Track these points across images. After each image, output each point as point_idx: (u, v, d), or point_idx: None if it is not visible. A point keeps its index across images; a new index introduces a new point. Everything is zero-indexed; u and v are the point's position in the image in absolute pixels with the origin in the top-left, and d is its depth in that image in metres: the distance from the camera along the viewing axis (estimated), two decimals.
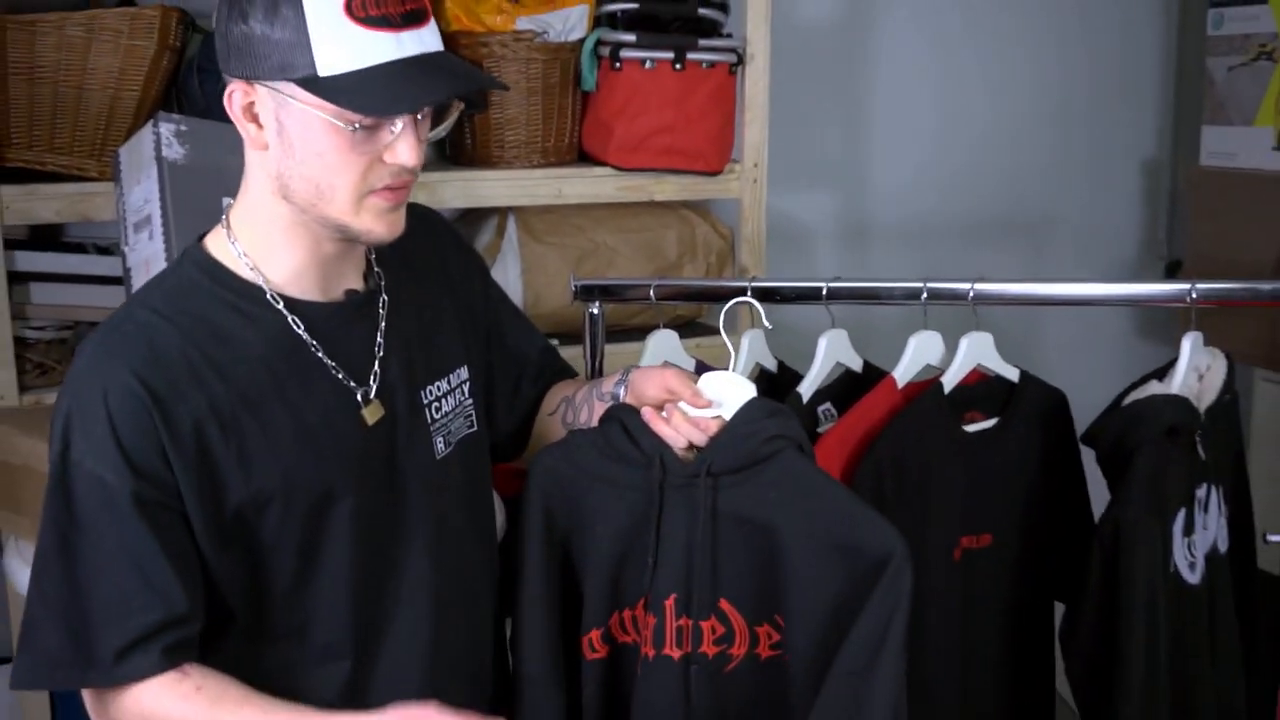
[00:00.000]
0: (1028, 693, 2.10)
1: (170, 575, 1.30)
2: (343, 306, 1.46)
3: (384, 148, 1.32)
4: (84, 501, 1.31)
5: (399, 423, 1.48)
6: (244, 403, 1.36)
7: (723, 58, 2.61)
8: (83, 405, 1.31)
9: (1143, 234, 3.61)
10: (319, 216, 1.36)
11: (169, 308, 1.38)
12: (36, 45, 2.22)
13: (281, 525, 1.38)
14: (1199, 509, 1.97)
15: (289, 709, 1.34)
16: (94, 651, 1.30)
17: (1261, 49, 2.97)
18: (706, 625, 1.52)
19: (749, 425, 1.52)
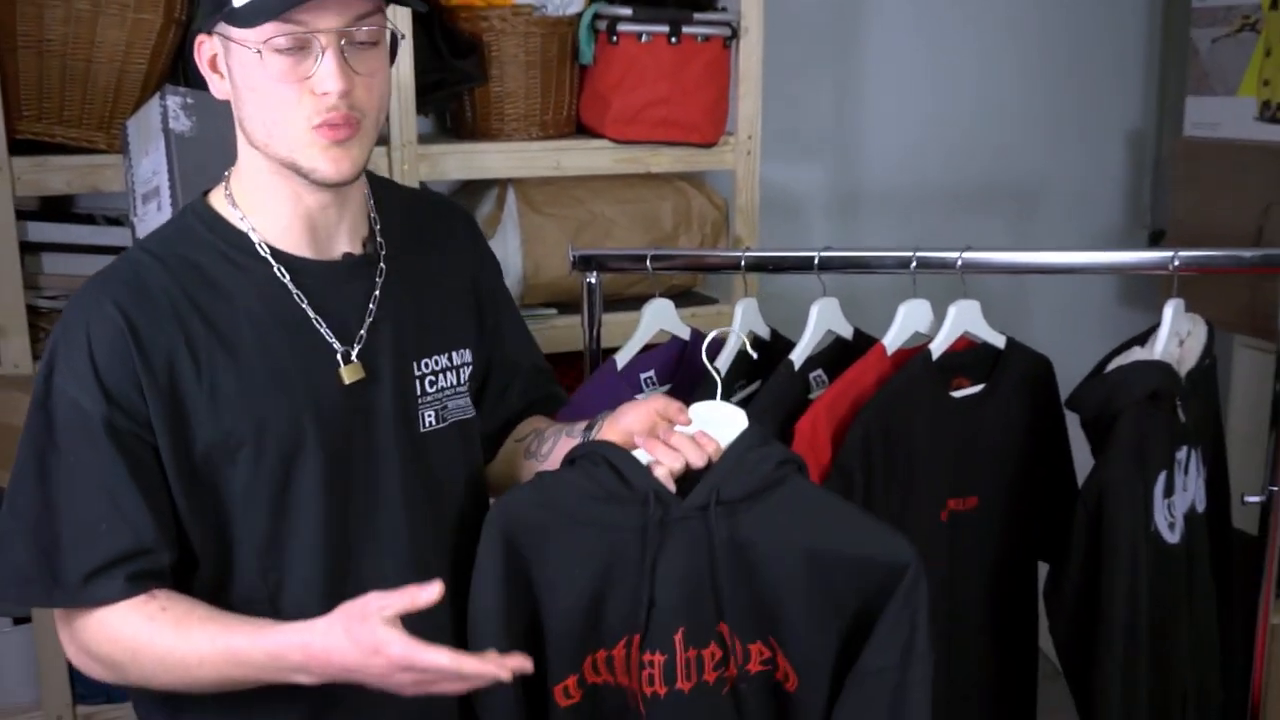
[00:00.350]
0: (1011, 649, 2.12)
1: (140, 504, 1.31)
2: (334, 266, 1.45)
3: (311, 80, 1.31)
4: (61, 424, 1.32)
5: (382, 388, 1.46)
6: (222, 344, 1.36)
7: (717, 31, 2.61)
8: (68, 333, 1.34)
9: (1127, 203, 3.62)
10: (275, 156, 1.36)
11: (162, 249, 1.40)
12: (45, 19, 2.22)
13: (253, 476, 1.37)
14: (1179, 471, 1.99)
15: (247, 623, 1.32)
16: (61, 573, 1.31)
17: (1245, 20, 2.97)
18: (707, 653, 1.49)
19: (756, 451, 1.48)
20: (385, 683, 1.25)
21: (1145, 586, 1.91)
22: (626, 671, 1.49)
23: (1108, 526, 1.87)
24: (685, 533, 1.46)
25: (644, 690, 1.47)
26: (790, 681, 1.51)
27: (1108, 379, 1.95)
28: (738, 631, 1.49)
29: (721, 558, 1.46)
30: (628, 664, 1.48)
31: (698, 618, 1.48)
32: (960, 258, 2.01)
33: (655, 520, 1.45)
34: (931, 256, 2.02)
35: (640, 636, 1.47)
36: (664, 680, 1.47)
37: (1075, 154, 3.52)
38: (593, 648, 1.49)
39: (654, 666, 1.47)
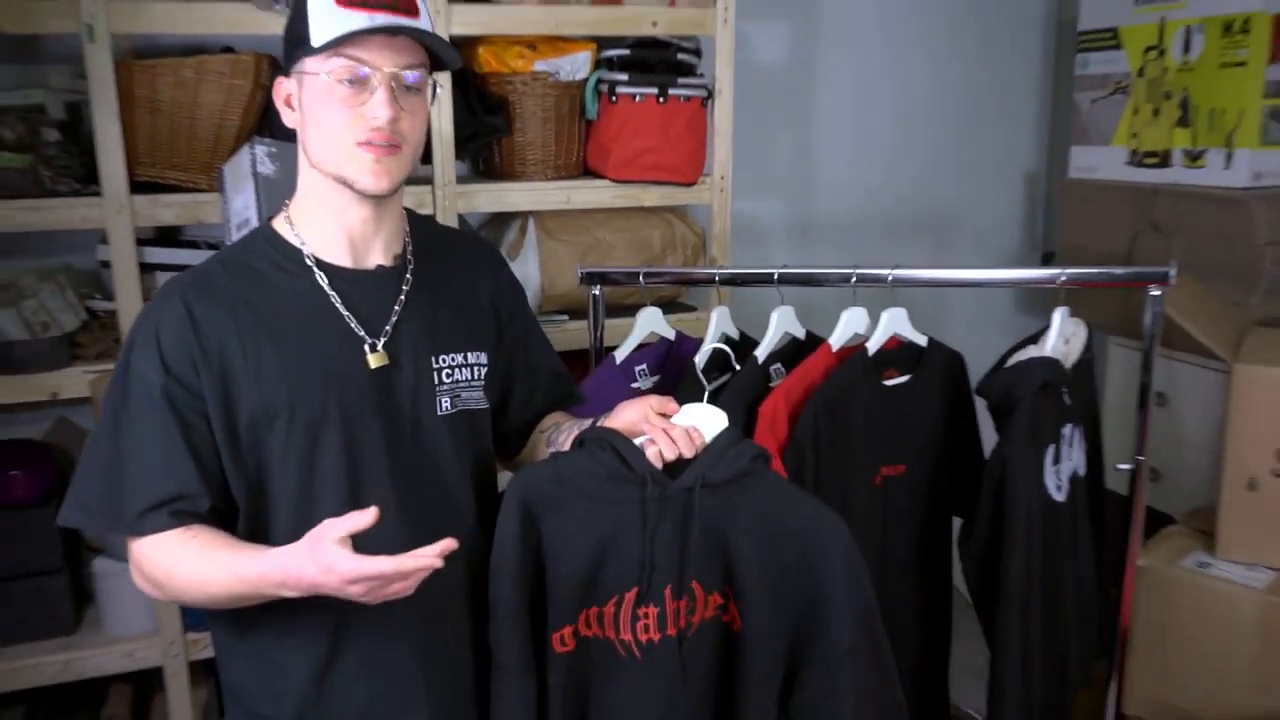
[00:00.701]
0: (931, 586, 2.13)
1: (186, 458, 1.33)
2: (368, 274, 1.44)
3: (362, 103, 1.33)
4: (133, 392, 1.34)
5: (403, 374, 1.44)
6: (267, 332, 1.37)
7: (697, 93, 2.61)
8: (144, 322, 1.36)
9: (1024, 231, 3.62)
10: (327, 171, 1.37)
11: (229, 258, 1.43)
12: (158, 84, 2.22)
13: (287, 441, 1.37)
14: (1064, 444, 1.99)
15: (250, 549, 1.30)
16: (122, 509, 1.33)
17: (1118, 85, 2.97)
18: (683, 603, 1.49)
19: (735, 447, 1.49)
20: (342, 594, 1.22)
21: (1038, 536, 1.91)
22: (615, 625, 1.47)
23: (1008, 489, 1.88)
24: (675, 508, 1.47)
25: (639, 638, 1.47)
26: (736, 623, 1.53)
27: (1009, 371, 1.95)
28: (701, 584, 1.50)
29: (700, 529, 1.47)
30: (617, 619, 1.47)
31: (679, 576, 1.48)
32: (891, 274, 2.01)
33: (654, 497, 1.45)
34: (868, 273, 2.02)
35: (638, 593, 1.46)
36: (657, 628, 1.48)
37: (983, 191, 3.52)
38: (587, 604, 1.47)
39: (649, 618, 1.47)
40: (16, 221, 2.19)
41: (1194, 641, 2.19)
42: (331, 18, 1.30)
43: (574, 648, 1.47)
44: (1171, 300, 2.15)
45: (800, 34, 3.22)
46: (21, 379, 2.23)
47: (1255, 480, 2.17)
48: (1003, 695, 1.93)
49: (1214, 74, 2.69)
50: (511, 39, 2.50)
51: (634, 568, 1.46)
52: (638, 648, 1.47)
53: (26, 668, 2.31)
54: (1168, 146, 2.84)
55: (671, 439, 1.45)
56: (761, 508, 1.50)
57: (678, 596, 1.48)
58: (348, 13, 1.30)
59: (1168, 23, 2.80)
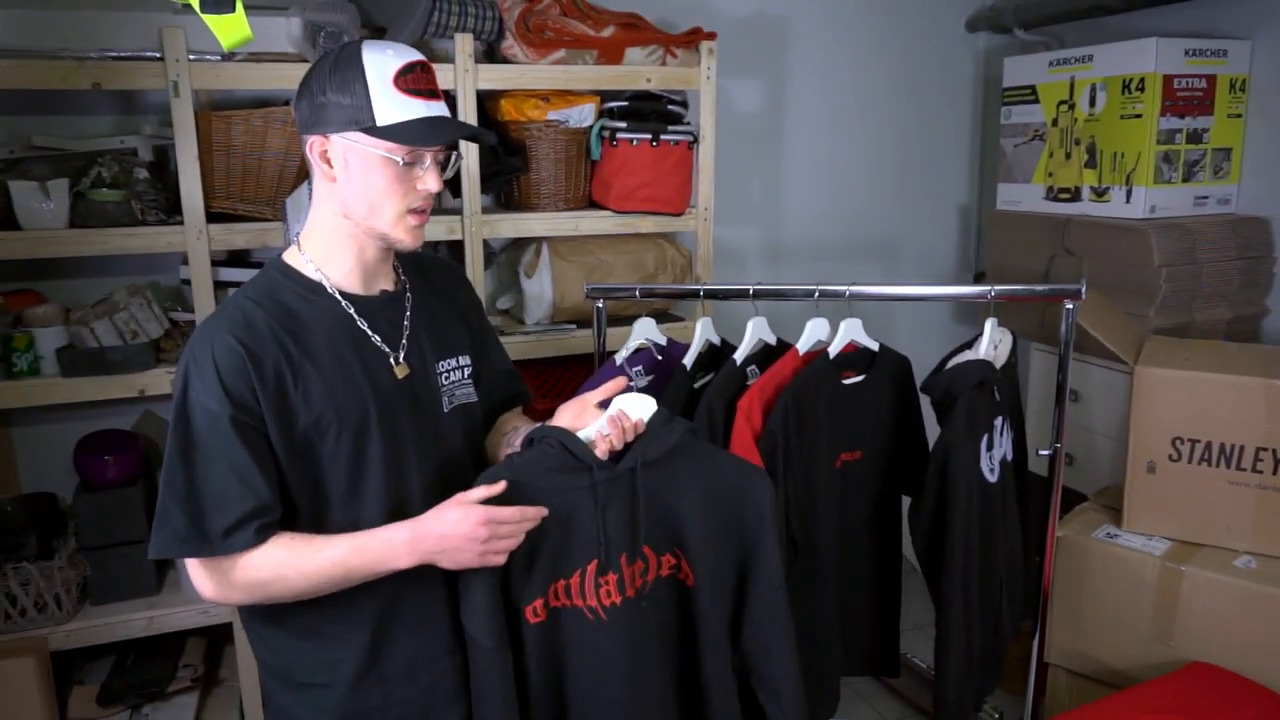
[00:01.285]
0: (884, 554, 2.13)
1: (257, 476, 1.29)
2: (378, 299, 1.44)
3: (416, 179, 1.34)
4: (197, 424, 1.29)
5: (418, 381, 1.44)
6: (309, 357, 1.35)
7: (684, 138, 2.60)
8: (197, 359, 1.30)
9: (959, 254, 3.63)
10: (369, 229, 1.37)
11: (258, 295, 1.38)
12: (231, 131, 2.22)
13: (336, 446, 1.35)
14: (996, 433, 1.99)
15: (347, 536, 1.32)
16: (207, 531, 1.28)
17: (1036, 132, 2.98)
18: (638, 566, 1.48)
19: (666, 427, 1.47)
20: (468, 542, 1.28)
21: (975, 512, 1.92)
22: (581, 594, 1.46)
23: (950, 472, 1.88)
24: (620, 487, 1.46)
25: (604, 602, 1.46)
26: (689, 579, 1.52)
27: (950, 372, 1.95)
28: (654, 548, 1.49)
29: (644, 501, 1.46)
30: (582, 588, 1.45)
31: (631, 544, 1.48)
32: (848, 290, 2.01)
33: (602, 481, 1.44)
34: (828, 289, 2.03)
35: (597, 563, 1.45)
36: (618, 591, 1.47)
37: (924, 220, 3.53)
38: (554, 578, 1.45)
39: (610, 584, 1.46)
40: (113, 246, 2.19)
41: (1103, 601, 2.19)
42: (396, 103, 1.29)
43: (545, 617, 1.45)
44: (1082, 313, 2.15)
45: (771, 90, 3.22)
46: (115, 378, 2.22)
47: (1154, 464, 2.17)
48: (948, 645, 1.94)
49: (1115, 124, 2.70)
50: (528, 93, 2.50)
51: (591, 542, 1.44)
52: (603, 610, 1.46)
53: (117, 623, 2.30)
54: (1078, 184, 2.85)
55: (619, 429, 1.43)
56: (698, 473, 1.50)
57: (632, 562, 1.47)
58: (409, 100, 1.30)
59: (1077, 81, 2.81)
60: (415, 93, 1.30)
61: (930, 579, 1.98)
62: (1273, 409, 2.04)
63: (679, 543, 1.50)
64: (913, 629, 2.83)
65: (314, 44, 2.20)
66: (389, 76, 1.29)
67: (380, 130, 1.29)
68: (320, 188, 1.38)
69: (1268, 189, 2.72)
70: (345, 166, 1.33)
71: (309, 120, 1.34)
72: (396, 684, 1.41)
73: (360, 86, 1.29)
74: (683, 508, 1.49)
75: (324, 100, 1.31)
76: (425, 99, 1.32)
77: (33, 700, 2.16)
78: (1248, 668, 1.97)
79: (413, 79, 1.30)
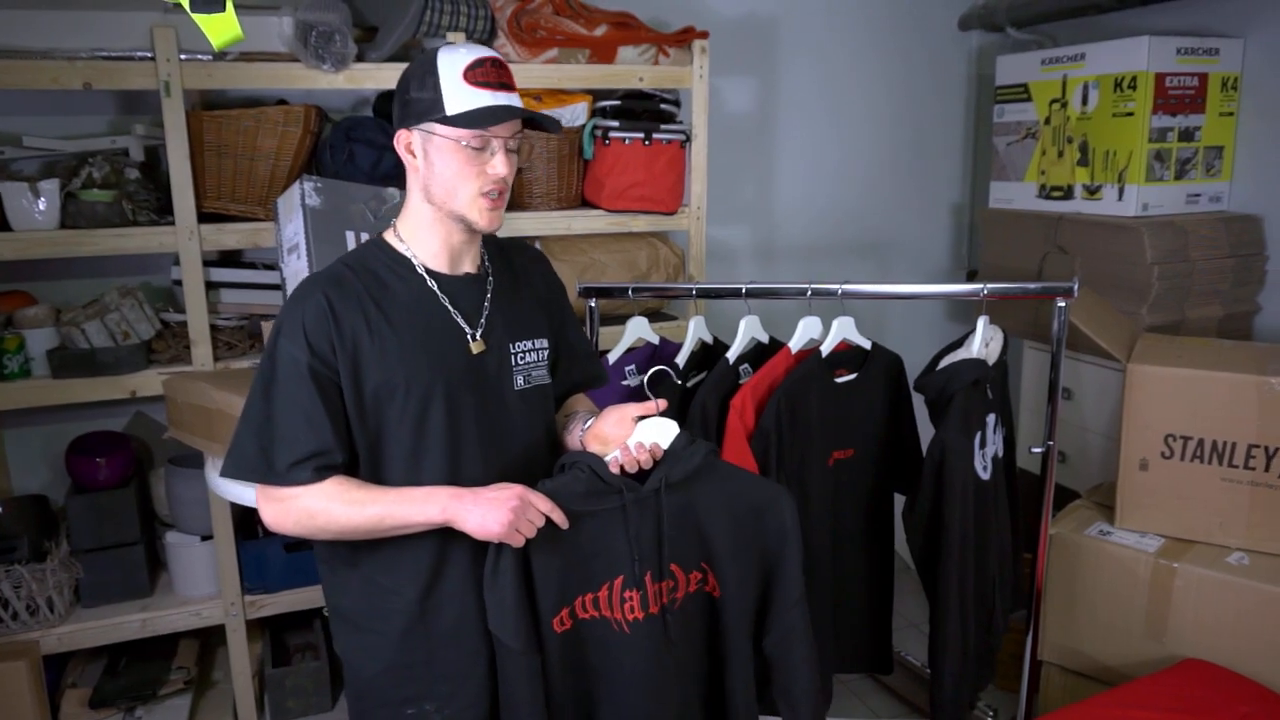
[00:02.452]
0: (877, 551, 2.13)
1: (325, 421, 1.39)
2: (461, 279, 1.52)
3: (486, 163, 1.43)
4: (281, 367, 1.40)
5: (494, 358, 1.51)
6: (389, 322, 1.43)
7: (676, 137, 2.61)
8: (291, 310, 1.42)
9: (952, 252, 3.63)
10: (449, 211, 1.45)
11: (354, 262, 1.48)
12: (223, 131, 2.22)
13: (402, 408, 1.43)
14: (989, 431, 2.00)
15: (397, 489, 1.41)
16: (273, 462, 1.39)
17: (1028, 131, 2.98)
18: (665, 584, 1.52)
19: (688, 449, 1.52)
20: (500, 507, 1.36)
21: (970, 509, 1.92)
22: (609, 606, 1.50)
23: (947, 470, 1.88)
24: (647, 508, 1.50)
25: (627, 617, 1.50)
26: (716, 591, 1.57)
27: (945, 371, 1.95)
28: (682, 565, 1.54)
29: (670, 521, 1.51)
30: (609, 601, 1.50)
31: (657, 562, 1.52)
32: (840, 288, 2.02)
33: (631, 502, 1.48)
34: (821, 287, 2.03)
35: (623, 579, 1.49)
36: (640, 608, 1.50)
37: (917, 219, 3.53)
38: (582, 591, 1.49)
39: (634, 600, 1.50)
40: (104, 246, 2.19)
41: (1097, 598, 2.20)
42: (465, 94, 1.39)
43: (571, 626, 1.49)
44: (1075, 310, 2.16)
45: (764, 88, 3.22)
46: (106, 379, 2.22)
47: (1146, 461, 2.17)
48: (944, 643, 1.94)
49: (1107, 122, 2.70)
50: (521, 92, 2.47)
51: (619, 560, 1.49)
52: (626, 625, 1.50)
53: (109, 626, 2.30)
54: (1070, 182, 2.85)
55: (634, 459, 1.50)
56: (722, 492, 1.55)
57: (658, 580, 1.51)
58: (477, 91, 1.39)
59: (1069, 79, 2.81)
60: (484, 84, 1.40)
61: (925, 577, 1.99)
62: (1265, 406, 2.04)
63: (707, 557, 1.55)
64: (905, 626, 2.84)
65: (305, 43, 2.20)
66: (460, 71, 1.39)
67: (450, 119, 1.39)
68: (410, 177, 1.48)
69: (1260, 187, 2.73)
70: (424, 156, 1.44)
71: (396, 117, 1.46)
72: (441, 643, 1.49)
73: (433, 81, 1.40)
74: (708, 524, 1.54)
75: (407, 98, 1.43)
76: (494, 90, 1.41)
77: (24, 703, 2.15)
78: (1241, 664, 1.98)
79: (481, 72, 1.40)
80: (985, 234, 3.17)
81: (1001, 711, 2.56)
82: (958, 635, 1.94)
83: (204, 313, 2.26)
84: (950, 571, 1.91)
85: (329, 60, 2.21)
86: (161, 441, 2.55)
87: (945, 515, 1.90)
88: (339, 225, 2.06)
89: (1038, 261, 2.87)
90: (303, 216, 2.03)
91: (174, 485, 2.42)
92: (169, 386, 2.11)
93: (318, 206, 2.04)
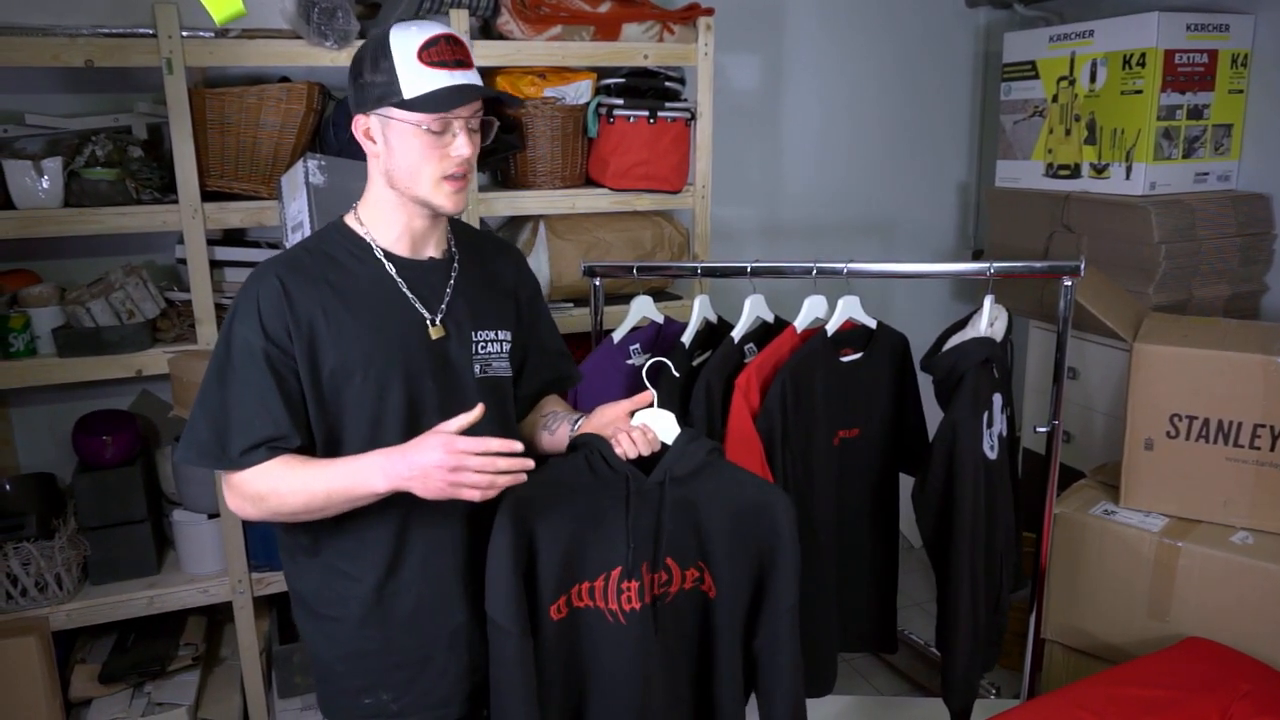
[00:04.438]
0: (881, 531, 2.14)
1: (280, 406, 1.36)
2: (423, 264, 1.49)
3: (448, 145, 1.39)
4: (235, 353, 1.37)
5: (453, 344, 1.48)
6: (345, 305, 1.41)
7: (681, 115, 2.59)
8: (246, 294, 1.39)
9: (958, 231, 3.62)
10: (412, 196, 1.42)
11: (312, 246, 1.46)
12: (226, 109, 2.21)
13: (359, 392, 1.40)
14: (995, 410, 1.99)
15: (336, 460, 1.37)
16: (228, 447, 1.36)
17: (1035, 109, 2.97)
18: (660, 576, 1.51)
19: (693, 444, 1.51)
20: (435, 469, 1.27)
21: (981, 489, 1.92)
22: (604, 596, 1.49)
23: (958, 451, 1.89)
24: (649, 498, 1.50)
25: (624, 607, 1.49)
26: (712, 591, 1.56)
27: (954, 351, 1.95)
28: (678, 561, 1.53)
29: (669, 514, 1.50)
30: (605, 591, 1.49)
31: (654, 554, 1.51)
32: (846, 267, 2.01)
33: (634, 491, 1.48)
34: (826, 266, 2.02)
35: (621, 569, 1.48)
36: (638, 598, 1.49)
37: (923, 198, 3.52)
38: (579, 580, 1.49)
39: (631, 590, 1.49)
40: (107, 225, 2.18)
41: (1101, 577, 2.20)
42: (421, 76, 1.35)
43: (567, 614, 1.49)
44: (1081, 290, 2.15)
45: (769, 66, 3.20)
46: (111, 358, 2.23)
47: (1151, 441, 2.17)
48: (956, 623, 1.95)
49: (1115, 100, 2.69)
50: (525, 69, 2.49)
51: (618, 548, 1.48)
52: (622, 615, 1.50)
53: (117, 603, 2.31)
54: (1077, 161, 2.84)
55: (632, 440, 1.48)
56: (723, 491, 1.53)
57: (654, 570, 1.51)
58: (434, 72, 1.35)
59: (1077, 57, 2.79)
60: (440, 64, 1.35)
61: (936, 558, 1.99)
62: (1271, 386, 2.04)
63: (704, 555, 1.54)
64: (910, 606, 2.85)
65: (307, 20, 2.18)
66: (414, 51, 1.35)
67: (408, 103, 1.35)
68: (370, 162, 1.45)
69: (1268, 165, 2.71)
70: (384, 141, 1.40)
71: (353, 101, 1.42)
72: (398, 630, 1.47)
73: (388, 64, 1.35)
74: (707, 522, 1.53)
75: (361, 82, 1.39)
76: (450, 69, 1.36)
77: (35, 679, 2.17)
78: (1243, 643, 1.98)
79: (436, 51, 1.35)
80: (991, 213, 3.16)
81: (1004, 690, 2.58)
82: (969, 615, 1.94)
83: (208, 291, 2.26)
84: (962, 552, 1.91)
85: (331, 37, 2.20)
86: (167, 420, 2.56)
87: (957, 496, 1.90)
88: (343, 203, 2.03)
89: (1044, 241, 2.86)
90: (307, 195, 2.02)
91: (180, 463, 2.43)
92: (174, 365, 2.11)
93: (321, 185, 2.03)
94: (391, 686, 1.49)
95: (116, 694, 2.37)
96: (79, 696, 2.34)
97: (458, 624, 1.50)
